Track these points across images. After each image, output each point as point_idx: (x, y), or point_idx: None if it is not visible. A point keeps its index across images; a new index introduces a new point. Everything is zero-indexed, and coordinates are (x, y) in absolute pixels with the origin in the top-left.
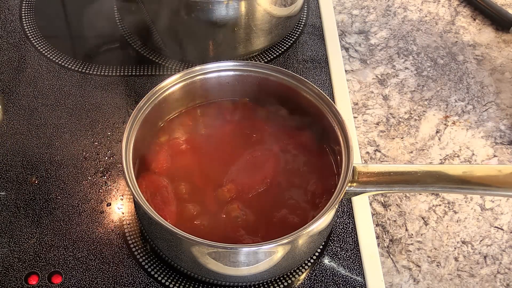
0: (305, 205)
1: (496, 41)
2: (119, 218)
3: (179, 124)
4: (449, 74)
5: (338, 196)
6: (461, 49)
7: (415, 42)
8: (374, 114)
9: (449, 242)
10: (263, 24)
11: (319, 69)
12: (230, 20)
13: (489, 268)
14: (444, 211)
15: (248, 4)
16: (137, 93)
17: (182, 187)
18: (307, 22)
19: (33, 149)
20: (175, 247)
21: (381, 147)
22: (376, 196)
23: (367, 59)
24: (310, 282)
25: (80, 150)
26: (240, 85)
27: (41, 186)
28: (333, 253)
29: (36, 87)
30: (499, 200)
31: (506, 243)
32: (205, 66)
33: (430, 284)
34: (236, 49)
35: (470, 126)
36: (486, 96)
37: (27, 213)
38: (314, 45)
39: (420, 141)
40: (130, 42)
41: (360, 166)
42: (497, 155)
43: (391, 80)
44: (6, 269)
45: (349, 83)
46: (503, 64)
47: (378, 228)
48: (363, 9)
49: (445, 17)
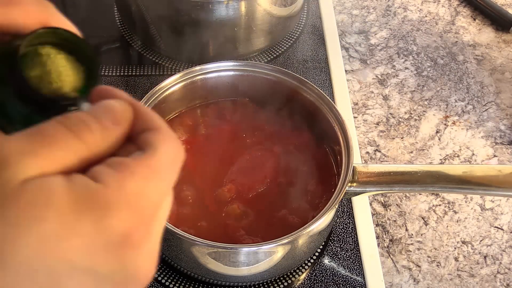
0: (305, 205)
1: (496, 41)
2: None
3: (179, 124)
4: (449, 74)
5: (338, 196)
6: (461, 49)
7: (415, 42)
8: (374, 114)
9: (449, 242)
10: (263, 24)
11: (319, 69)
12: (230, 20)
13: (489, 268)
14: (444, 211)
15: (248, 4)
16: (137, 93)
17: (182, 187)
18: (307, 22)
19: None
20: (175, 247)
21: (381, 147)
22: (376, 196)
23: (367, 59)
24: (310, 282)
25: None
26: (240, 85)
27: None
28: (333, 253)
29: None
30: (499, 200)
31: (506, 243)
32: (205, 66)
33: (430, 284)
34: (236, 49)
35: (470, 126)
36: (486, 96)
37: None
38: (314, 45)
39: (420, 141)
40: (130, 42)
41: (360, 166)
42: (497, 155)
43: (391, 80)
44: None
45: (349, 83)
46: (503, 64)
47: (378, 228)
48: (363, 9)
49: (445, 17)
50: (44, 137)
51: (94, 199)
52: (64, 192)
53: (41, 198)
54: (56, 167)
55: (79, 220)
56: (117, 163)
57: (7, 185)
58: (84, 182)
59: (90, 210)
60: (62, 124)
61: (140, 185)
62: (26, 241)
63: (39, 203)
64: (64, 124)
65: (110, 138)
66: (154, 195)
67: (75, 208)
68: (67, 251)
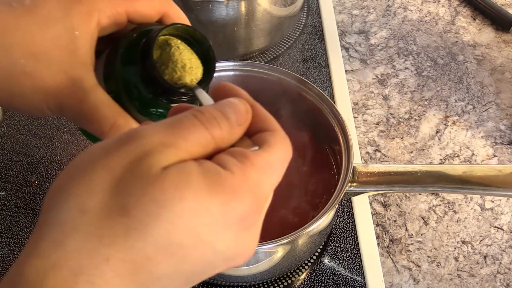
0: (305, 205)
1: (496, 41)
2: None
3: None
4: (449, 74)
5: (338, 196)
6: (461, 49)
7: (415, 42)
8: (374, 114)
9: (449, 242)
10: (263, 24)
11: (319, 69)
12: (230, 20)
13: (489, 268)
14: (444, 211)
15: (248, 4)
16: None
17: None
18: (307, 22)
19: (33, 149)
20: None
21: (381, 147)
22: (376, 196)
23: (367, 59)
24: (310, 282)
25: (80, 150)
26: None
27: (41, 186)
28: (333, 253)
29: None
30: (499, 200)
31: (506, 243)
32: None
33: (430, 284)
34: (236, 49)
35: (470, 126)
36: (486, 96)
37: (27, 213)
38: (314, 45)
39: (420, 141)
40: None
41: (360, 166)
42: (497, 155)
43: (391, 80)
44: (6, 269)
45: (349, 83)
46: (503, 64)
47: (378, 228)
48: (363, 9)
49: (445, 17)
50: (182, 130)
51: (224, 184)
52: (199, 176)
53: (181, 181)
54: (189, 156)
55: (211, 201)
56: (239, 153)
57: (151, 169)
58: (215, 169)
59: (220, 193)
60: (197, 119)
61: (259, 175)
62: (167, 216)
63: (180, 185)
64: (200, 119)
65: (234, 136)
66: (267, 186)
67: (208, 190)
68: (198, 227)
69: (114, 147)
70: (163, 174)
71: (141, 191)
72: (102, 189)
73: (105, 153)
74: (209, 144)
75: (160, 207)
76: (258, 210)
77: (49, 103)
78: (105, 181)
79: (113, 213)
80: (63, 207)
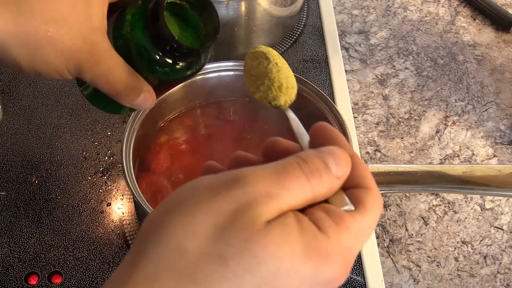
0: None
1: (496, 41)
2: (119, 218)
3: (179, 124)
4: (449, 74)
5: None
6: (461, 49)
7: (415, 42)
8: (374, 114)
9: (449, 242)
10: (263, 24)
11: (319, 69)
12: (230, 20)
13: (489, 268)
14: (444, 211)
15: (248, 4)
16: None
17: None
18: (307, 22)
19: (33, 149)
20: None
21: (381, 147)
22: None
23: (367, 59)
24: None
25: (80, 150)
26: (240, 85)
27: (41, 186)
28: None
29: (36, 87)
30: (499, 200)
31: (506, 243)
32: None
33: (430, 284)
34: (236, 49)
35: (470, 126)
36: (486, 96)
37: (27, 213)
38: (314, 45)
39: (420, 141)
40: None
41: None
42: (497, 155)
43: (391, 80)
44: (6, 269)
45: (349, 83)
46: (503, 64)
47: (378, 228)
48: (363, 9)
49: (445, 17)
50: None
51: (319, 247)
52: (297, 236)
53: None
54: (289, 207)
55: (304, 264)
56: (335, 214)
57: (255, 222)
58: (312, 230)
59: (314, 257)
60: (301, 169)
61: (352, 241)
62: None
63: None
64: (303, 169)
65: (332, 189)
66: (357, 250)
67: (304, 253)
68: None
69: (220, 191)
70: (266, 230)
71: (242, 244)
72: (204, 233)
73: (211, 195)
74: (308, 196)
75: (258, 263)
76: (346, 273)
77: (69, 66)
78: (208, 226)
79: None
80: (162, 243)
